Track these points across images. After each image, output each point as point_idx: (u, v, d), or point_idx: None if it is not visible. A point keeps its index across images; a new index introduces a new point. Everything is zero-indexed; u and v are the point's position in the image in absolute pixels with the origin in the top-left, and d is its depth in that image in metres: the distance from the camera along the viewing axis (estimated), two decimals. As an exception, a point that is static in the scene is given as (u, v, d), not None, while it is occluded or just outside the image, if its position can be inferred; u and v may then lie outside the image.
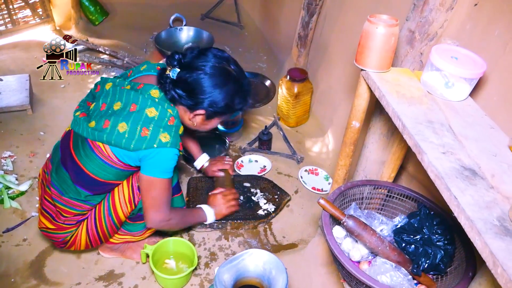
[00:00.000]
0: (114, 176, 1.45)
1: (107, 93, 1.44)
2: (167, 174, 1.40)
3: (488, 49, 1.22)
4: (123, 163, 1.39)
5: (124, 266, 1.76)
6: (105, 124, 1.34)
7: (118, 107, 1.37)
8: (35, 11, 3.35)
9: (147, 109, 1.35)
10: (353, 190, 1.39)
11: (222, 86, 1.38)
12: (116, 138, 1.32)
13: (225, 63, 1.41)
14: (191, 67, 1.37)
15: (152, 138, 1.32)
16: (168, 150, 1.34)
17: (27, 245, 1.82)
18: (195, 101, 1.38)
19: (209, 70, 1.36)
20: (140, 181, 1.44)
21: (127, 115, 1.34)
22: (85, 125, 1.38)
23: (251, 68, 3.20)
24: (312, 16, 2.51)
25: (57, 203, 1.48)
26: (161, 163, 1.36)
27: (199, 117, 1.44)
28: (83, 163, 1.40)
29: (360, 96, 1.23)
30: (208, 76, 1.35)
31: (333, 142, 2.40)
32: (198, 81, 1.35)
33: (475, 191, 0.80)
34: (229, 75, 1.40)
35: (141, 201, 1.52)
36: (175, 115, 1.39)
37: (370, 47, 1.12)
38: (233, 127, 2.44)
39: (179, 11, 3.28)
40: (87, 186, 1.44)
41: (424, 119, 1.00)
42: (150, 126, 1.33)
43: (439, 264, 1.17)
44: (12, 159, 2.23)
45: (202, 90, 1.36)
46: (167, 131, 1.34)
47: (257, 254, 1.24)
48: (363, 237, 1.19)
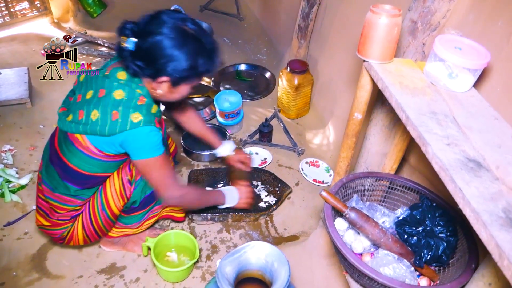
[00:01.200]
0: (99, 168, 1.43)
1: (81, 84, 1.42)
2: (156, 152, 1.36)
3: (491, 39, 1.21)
4: (103, 152, 1.37)
5: (125, 259, 1.76)
6: (80, 115, 1.32)
7: (90, 95, 1.34)
8: (33, 4, 3.33)
9: (114, 92, 1.30)
10: (355, 182, 1.38)
11: (181, 46, 1.27)
12: (90, 127, 1.30)
13: (180, 23, 1.29)
14: (145, 32, 1.27)
15: (123, 121, 1.28)
16: (142, 129, 1.30)
17: (28, 238, 1.82)
18: (156, 67, 1.29)
19: (165, 31, 1.26)
20: (137, 169, 1.42)
21: (96, 102, 1.31)
22: (64, 119, 1.37)
23: (250, 60, 3.18)
24: (312, 7, 2.48)
25: (49, 199, 1.48)
26: (143, 143, 1.32)
27: (164, 85, 1.34)
28: (67, 158, 1.39)
29: (362, 87, 1.22)
30: (164, 38, 1.25)
31: (334, 134, 2.39)
32: (155, 45, 1.26)
33: (480, 183, 0.79)
34: (187, 35, 1.29)
35: (133, 195, 1.52)
36: (144, 94, 1.34)
37: (372, 37, 1.10)
38: (233, 119, 2.43)
39: (178, 2, 3.25)
40: (74, 180, 1.44)
41: (427, 110, 0.99)
42: (119, 109, 1.28)
43: (441, 256, 1.17)
44: (12, 152, 2.23)
45: (160, 54, 1.26)
46: (137, 110, 1.29)
47: (259, 247, 1.24)
48: (365, 229, 1.19)
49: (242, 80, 2.97)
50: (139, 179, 1.51)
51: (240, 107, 2.44)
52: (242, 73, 3.03)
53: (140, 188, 1.53)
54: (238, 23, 3.73)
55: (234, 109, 2.39)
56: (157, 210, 1.67)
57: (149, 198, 1.58)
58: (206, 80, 2.90)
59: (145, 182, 1.52)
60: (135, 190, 1.52)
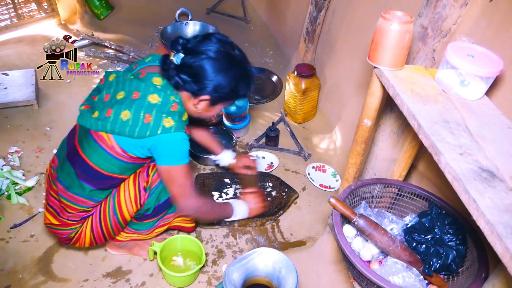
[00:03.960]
0: (118, 169, 1.42)
1: (110, 84, 1.42)
2: (182, 160, 1.38)
3: (503, 46, 1.20)
4: (127, 153, 1.37)
5: (131, 263, 1.76)
6: (108, 113, 1.32)
7: (121, 96, 1.35)
8: (41, 5, 3.34)
9: (149, 95, 1.32)
10: (363, 188, 1.37)
11: (227, 70, 1.35)
12: (119, 127, 1.30)
13: (229, 48, 1.38)
14: (195, 51, 1.33)
15: (155, 124, 1.29)
16: (174, 135, 1.32)
17: (35, 241, 1.82)
18: (200, 86, 1.34)
19: (213, 54, 1.33)
20: (160, 174, 1.44)
21: (129, 103, 1.32)
22: (89, 116, 1.37)
23: (257, 63, 3.18)
24: (320, 11, 2.48)
25: (62, 198, 1.47)
26: (172, 150, 1.34)
27: (204, 102, 1.40)
28: (87, 155, 1.39)
29: (372, 94, 1.21)
30: (213, 61, 1.32)
31: (341, 139, 2.38)
32: (203, 65, 1.32)
33: (494, 194, 0.78)
34: (233, 60, 1.37)
35: (147, 202, 1.52)
36: (178, 102, 1.37)
37: (384, 44, 1.10)
38: (240, 123, 2.43)
39: (185, 5, 3.26)
40: (91, 179, 1.43)
41: (439, 119, 0.98)
42: (152, 112, 1.30)
43: (450, 265, 1.16)
44: (18, 154, 2.23)
45: (207, 75, 1.33)
46: (170, 116, 1.31)
47: (267, 253, 1.23)
48: (374, 237, 1.18)
49: (248, 84, 2.96)
50: (155, 186, 1.51)
51: (247, 110, 2.43)
52: (248, 76, 3.03)
53: (155, 196, 1.52)
54: (244, 26, 3.73)
55: (241, 113, 2.38)
56: (168, 219, 1.66)
57: (162, 206, 1.57)
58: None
59: (161, 190, 1.52)
60: (150, 197, 1.51)
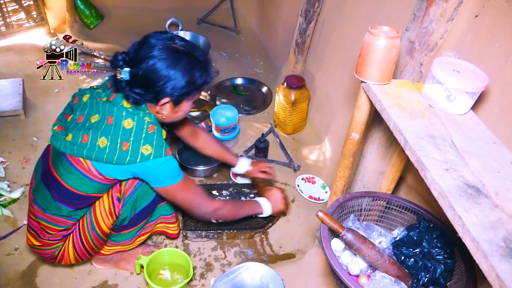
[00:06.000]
0: (95, 190, 1.40)
1: (84, 105, 1.39)
2: (174, 179, 1.37)
3: (488, 61, 1.21)
4: (105, 176, 1.35)
5: (117, 276, 1.73)
6: (84, 139, 1.29)
7: (96, 119, 1.32)
8: (30, 14, 3.32)
9: (123, 121, 1.29)
10: (351, 201, 1.37)
11: (175, 65, 1.28)
12: (96, 154, 1.28)
13: (169, 42, 1.31)
14: (137, 60, 1.27)
15: (133, 153, 1.27)
16: (154, 162, 1.29)
17: (19, 254, 1.78)
18: (156, 91, 1.29)
19: (156, 54, 1.27)
20: (159, 194, 1.45)
21: (105, 129, 1.29)
22: (63, 139, 1.34)
23: (247, 74, 3.18)
24: (309, 23, 2.49)
25: (40, 220, 1.44)
26: (158, 174, 1.33)
27: (167, 106, 1.34)
28: (63, 178, 1.36)
29: (360, 108, 1.22)
30: (158, 61, 1.26)
31: (331, 150, 2.38)
32: (149, 70, 1.26)
33: (479, 210, 0.78)
34: (177, 52, 1.30)
35: (122, 212, 1.49)
36: (153, 122, 1.33)
37: (371, 59, 1.10)
38: (229, 134, 2.42)
39: (175, 15, 3.26)
40: (68, 201, 1.40)
41: (426, 134, 0.98)
42: (130, 140, 1.28)
43: (439, 279, 1.16)
44: (4, 165, 2.20)
45: (157, 77, 1.27)
46: (148, 142, 1.29)
47: (254, 268, 1.22)
48: (362, 251, 1.17)
49: (238, 94, 2.96)
50: (128, 196, 1.47)
51: (237, 122, 2.43)
52: (238, 87, 3.03)
53: (130, 205, 1.49)
54: (235, 37, 3.74)
55: (230, 124, 2.38)
56: (149, 227, 1.64)
57: (140, 215, 1.54)
58: (203, 94, 2.89)
59: (135, 199, 1.49)
60: (124, 207, 1.48)
